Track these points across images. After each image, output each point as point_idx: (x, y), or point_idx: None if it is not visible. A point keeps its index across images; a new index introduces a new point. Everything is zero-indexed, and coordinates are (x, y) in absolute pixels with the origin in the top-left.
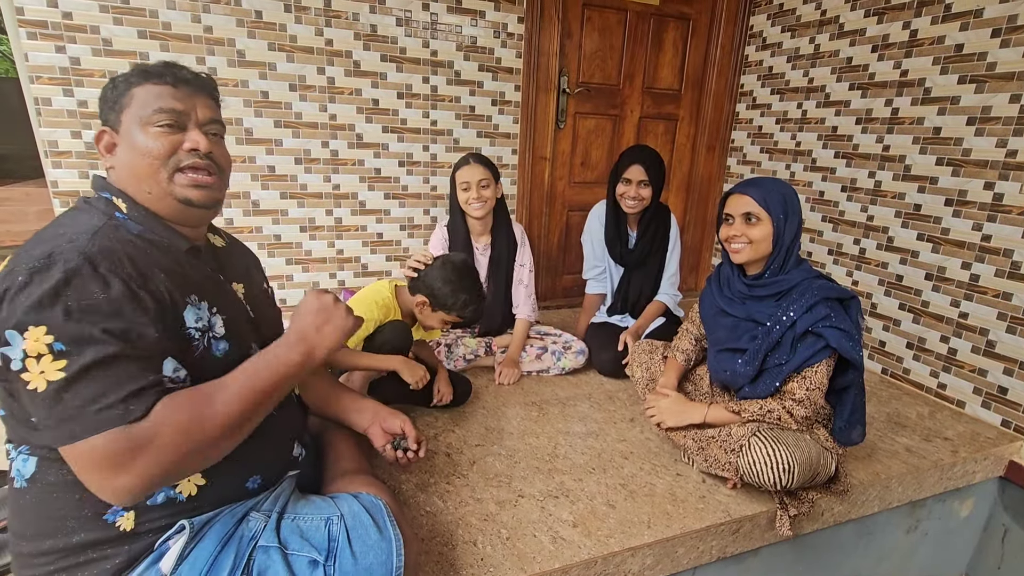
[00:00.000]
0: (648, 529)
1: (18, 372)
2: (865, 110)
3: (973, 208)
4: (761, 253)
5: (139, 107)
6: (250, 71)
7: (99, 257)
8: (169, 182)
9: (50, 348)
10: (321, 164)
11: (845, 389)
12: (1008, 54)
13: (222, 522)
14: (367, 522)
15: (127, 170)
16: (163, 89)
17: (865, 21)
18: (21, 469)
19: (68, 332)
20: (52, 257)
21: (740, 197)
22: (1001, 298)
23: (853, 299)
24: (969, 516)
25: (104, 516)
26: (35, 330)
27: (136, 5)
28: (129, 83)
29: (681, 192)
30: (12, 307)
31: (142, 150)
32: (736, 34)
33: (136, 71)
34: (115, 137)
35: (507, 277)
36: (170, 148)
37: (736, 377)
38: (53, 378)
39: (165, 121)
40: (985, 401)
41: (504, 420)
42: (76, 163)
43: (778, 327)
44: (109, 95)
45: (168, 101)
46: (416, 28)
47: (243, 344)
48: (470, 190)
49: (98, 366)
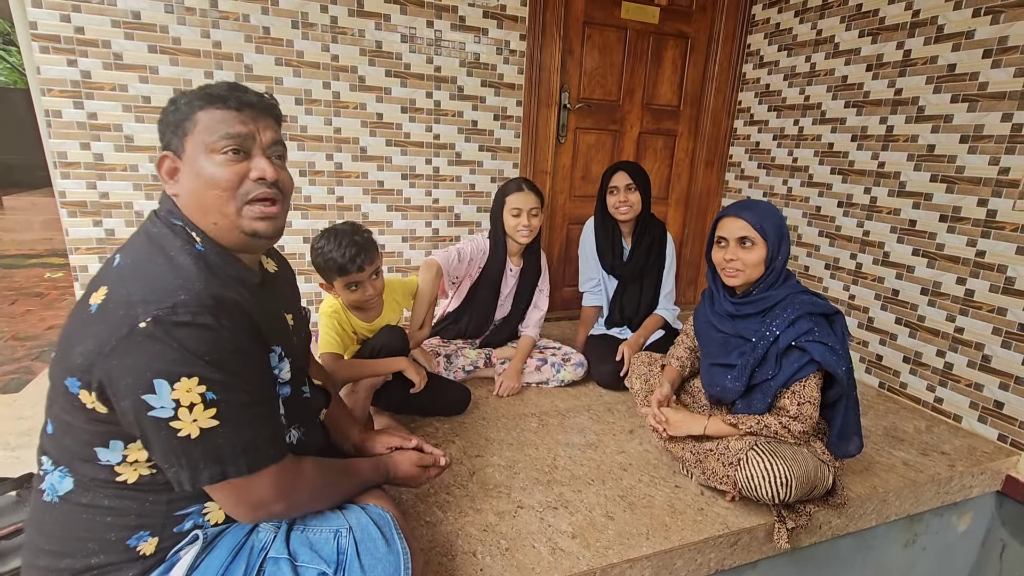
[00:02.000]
0: (647, 541)
1: (165, 420)
2: (860, 127)
3: (967, 224)
4: (755, 277)
5: (204, 132)
6: (257, 85)
7: (217, 309)
8: (238, 215)
9: (203, 397)
10: (325, 176)
11: (835, 403)
12: (999, 74)
13: (233, 532)
14: (375, 535)
15: (192, 199)
16: (227, 114)
17: (860, 41)
18: (56, 485)
19: (217, 383)
20: (175, 309)
21: (735, 220)
22: (996, 313)
23: (837, 314)
24: (967, 531)
25: (128, 541)
26: (187, 380)
27: (147, 20)
28: (192, 106)
29: (680, 206)
30: (148, 355)
31: (209, 180)
32: (734, 52)
33: (199, 94)
34: (178, 162)
35: (528, 299)
36: (237, 178)
37: (727, 392)
38: (206, 425)
39: (231, 147)
40: (981, 415)
41: (503, 431)
42: (84, 174)
43: (762, 342)
44: (171, 118)
45: (233, 126)
46: (420, 44)
47: (298, 386)
48: (521, 216)
49: (244, 412)
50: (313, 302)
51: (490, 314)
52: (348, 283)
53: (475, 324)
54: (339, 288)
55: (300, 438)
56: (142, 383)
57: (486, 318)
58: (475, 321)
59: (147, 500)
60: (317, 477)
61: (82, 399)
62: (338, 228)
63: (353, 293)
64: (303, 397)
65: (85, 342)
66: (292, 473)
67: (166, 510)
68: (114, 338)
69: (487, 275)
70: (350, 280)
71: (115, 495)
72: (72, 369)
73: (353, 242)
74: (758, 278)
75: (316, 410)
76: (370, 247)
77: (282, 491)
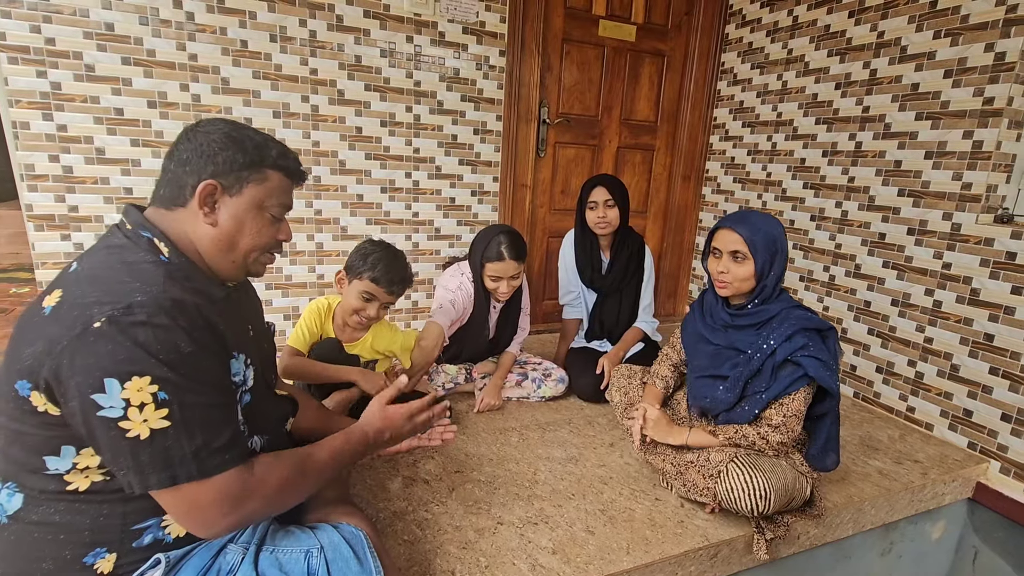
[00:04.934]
0: (627, 555)
1: (115, 420)
2: (831, 143)
3: (934, 237)
4: (745, 289)
5: (268, 192)
6: (234, 98)
7: (175, 310)
8: (254, 262)
9: (155, 397)
10: (304, 190)
11: (821, 417)
12: (959, 93)
13: (199, 555)
14: (348, 554)
15: (224, 237)
16: (291, 186)
17: (828, 60)
18: (5, 504)
19: (171, 383)
20: (132, 308)
21: (729, 233)
22: (963, 323)
23: (831, 330)
24: (941, 538)
25: (84, 559)
26: (139, 379)
27: (120, 32)
28: (265, 162)
29: (659, 219)
30: (99, 354)
31: (252, 233)
32: (709, 70)
33: (278, 156)
34: (223, 199)
35: (514, 323)
36: (273, 239)
37: (716, 403)
38: (157, 426)
39: (280, 215)
40: (952, 424)
41: (484, 446)
42: (53, 187)
43: (759, 355)
44: (238, 156)
45: (289, 199)
46: (400, 59)
47: (257, 394)
48: (499, 283)
49: (197, 414)
50: (291, 316)
51: (483, 345)
52: (368, 292)
53: (467, 352)
54: (355, 288)
55: (263, 447)
56: (92, 382)
57: (481, 349)
58: (469, 353)
59: (101, 513)
60: (275, 473)
61: (33, 402)
62: (393, 248)
63: (358, 301)
64: (266, 405)
65: (35, 344)
66: (247, 478)
67: (122, 524)
68: (66, 337)
69: (475, 319)
70: (376, 292)
71: (67, 509)
72: (22, 371)
73: (406, 271)
74: (750, 291)
75: (280, 419)
76: (408, 285)
77: (236, 499)
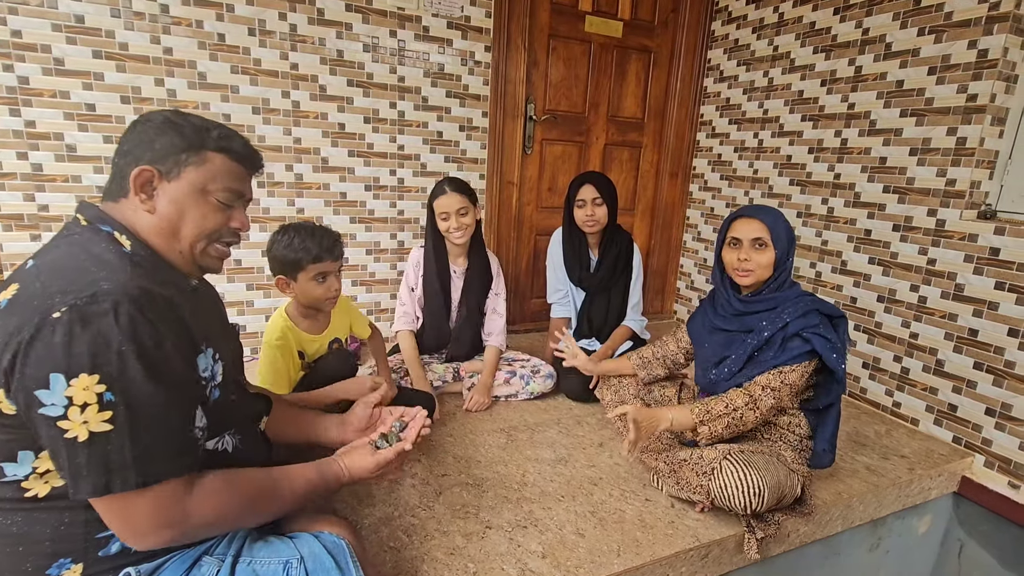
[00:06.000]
0: (618, 558)
1: (54, 418)
2: (817, 140)
3: (919, 233)
4: (764, 277)
5: (209, 176)
6: (212, 94)
7: (143, 300)
8: (203, 253)
9: (100, 398)
10: (285, 188)
11: (828, 407)
12: (943, 90)
13: (171, 568)
14: (329, 565)
15: (165, 223)
16: (239, 170)
17: (814, 57)
18: None
19: (122, 383)
20: (96, 297)
21: (750, 222)
22: (947, 319)
23: (842, 318)
24: (927, 532)
25: (47, 571)
26: (87, 378)
27: (91, 25)
28: (205, 144)
29: (646, 217)
30: (52, 346)
31: (195, 219)
32: (695, 67)
33: (219, 138)
34: (161, 183)
35: (479, 300)
36: (222, 225)
37: (721, 374)
38: (97, 429)
39: (228, 201)
40: (937, 418)
41: (472, 448)
42: (21, 185)
43: (771, 327)
44: (176, 140)
45: (239, 183)
46: (383, 54)
47: (227, 390)
48: (449, 219)
49: (145, 419)
50: None
51: (445, 321)
52: (318, 274)
53: (434, 335)
54: (303, 282)
55: (236, 445)
56: (39, 376)
57: (442, 325)
58: (433, 330)
59: (62, 521)
60: (216, 500)
61: None
62: (300, 224)
63: (319, 286)
64: (238, 403)
65: None
66: (183, 497)
67: (84, 532)
68: (24, 329)
69: (429, 281)
70: (323, 270)
71: (25, 519)
72: None
73: (327, 233)
74: (767, 279)
75: (253, 418)
76: (340, 238)
77: (169, 517)
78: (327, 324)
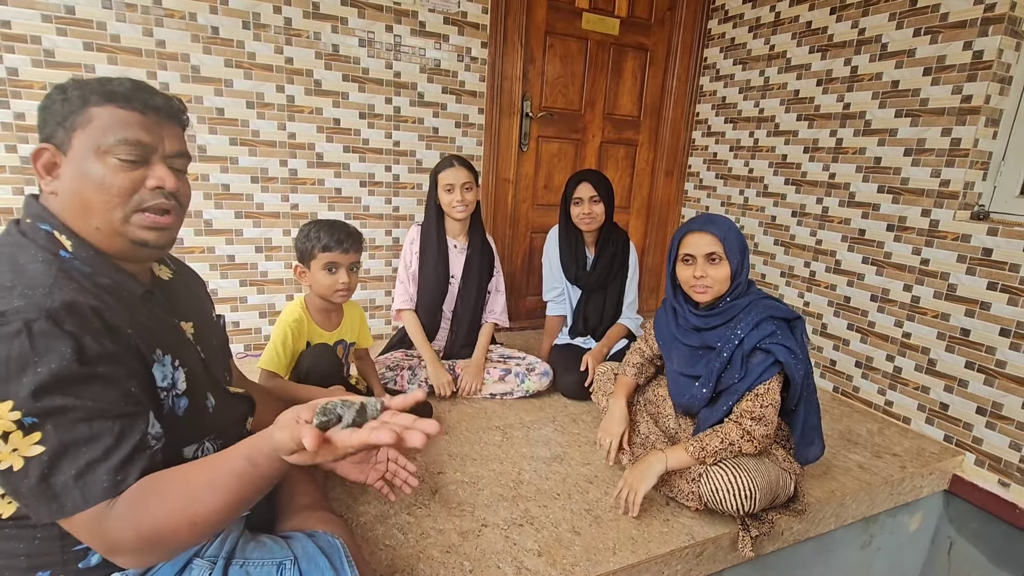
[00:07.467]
0: (613, 556)
1: None
2: (812, 140)
3: (912, 233)
4: (722, 291)
5: (98, 132)
6: (205, 87)
7: (63, 313)
8: (124, 222)
9: (19, 424)
10: (279, 183)
11: (795, 407)
12: (938, 91)
13: (161, 573)
14: (323, 565)
15: (73, 200)
16: (130, 116)
17: (810, 57)
18: None
19: (39, 406)
20: (6, 316)
21: (701, 235)
22: (940, 319)
23: (798, 319)
24: (918, 530)
25: None
26: (1, 406)
27: (82, 16)
28: (86, 100)
29: (641, 215)
30: None
31: (98, 183)
32: (691, 65)
33: (97, 87)
34: (59, 158)
35: (480, 279)
36: (132, 186)
37: (695, 401)
38: (30, 454)
39: (130, 155)
40: (929, 417)
41: (467, 446)
42: (11, 179)
43: (727, 347)
44: (57, 108)
45: (135, 131)
46: (379, 49)
47: (200, 396)
48: (454, 192)
49: (77, 436)
50: (266, 314)
51: (439, 296)
52: (328, 263)
53: (426, 311)
54: (315, 271)
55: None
56: None
57: (435, 299)
58: (425, 305)
59: (35, 537)
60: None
61: None
62: (326, 219)
63: (328, 276)
64: (209, 407)
65: None
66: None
67: (60, 545)
68: None
69: (427, 250)
70: (332, 260)
71: None
72: None
73: (344, 227)
74: (724, 292)
75: (235, 419)
76: (360, 239)
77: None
78: (338, 324)
